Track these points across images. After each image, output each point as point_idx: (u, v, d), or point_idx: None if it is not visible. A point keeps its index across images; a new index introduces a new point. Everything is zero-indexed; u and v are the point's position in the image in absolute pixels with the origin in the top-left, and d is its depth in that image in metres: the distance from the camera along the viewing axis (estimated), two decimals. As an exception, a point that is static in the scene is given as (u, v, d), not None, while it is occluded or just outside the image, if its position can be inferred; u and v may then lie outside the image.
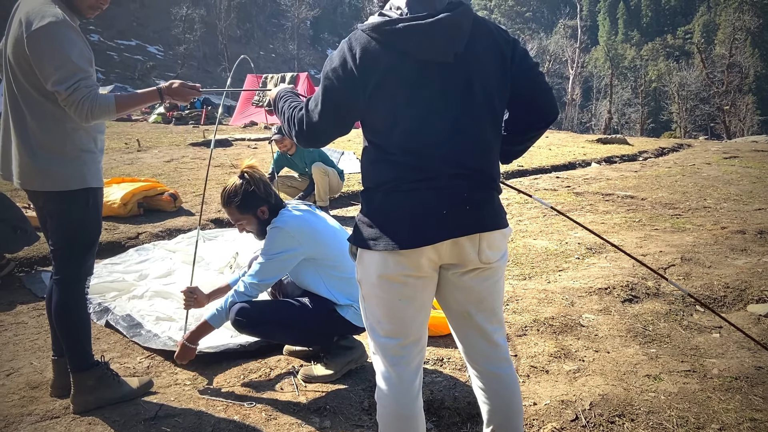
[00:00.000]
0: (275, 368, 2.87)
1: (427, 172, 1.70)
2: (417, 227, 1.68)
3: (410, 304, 1.76)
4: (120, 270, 4.44)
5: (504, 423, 1.87)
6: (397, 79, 1.69)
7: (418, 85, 1.69)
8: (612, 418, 2.39)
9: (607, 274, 4.02)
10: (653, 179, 8.38)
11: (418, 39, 1.66)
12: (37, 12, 2.21)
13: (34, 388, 2.73)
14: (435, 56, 1.68)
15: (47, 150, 2.34)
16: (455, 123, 1.72)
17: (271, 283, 2.74)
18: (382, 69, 1.68)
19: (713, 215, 6.03)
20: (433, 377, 2.76)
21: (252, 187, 2.68)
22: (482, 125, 1.74)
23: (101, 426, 2.37)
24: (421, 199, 1.69)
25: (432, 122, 1.71)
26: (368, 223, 1.75)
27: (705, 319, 3.38)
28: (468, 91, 1.72)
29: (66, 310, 2.46)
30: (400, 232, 1.69)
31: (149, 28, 64.02)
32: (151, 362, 3.01)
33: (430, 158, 1.70)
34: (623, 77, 62.67)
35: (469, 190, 1.71)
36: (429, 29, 1.65)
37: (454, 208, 1.69)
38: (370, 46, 1.69)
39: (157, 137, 12.74)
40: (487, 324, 1.82)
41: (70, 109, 2.23)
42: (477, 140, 1.74)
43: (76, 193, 2.38)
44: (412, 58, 1.68)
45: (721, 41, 59.26)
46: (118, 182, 6.22)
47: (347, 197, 7.19)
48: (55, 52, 2.19)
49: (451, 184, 1.70)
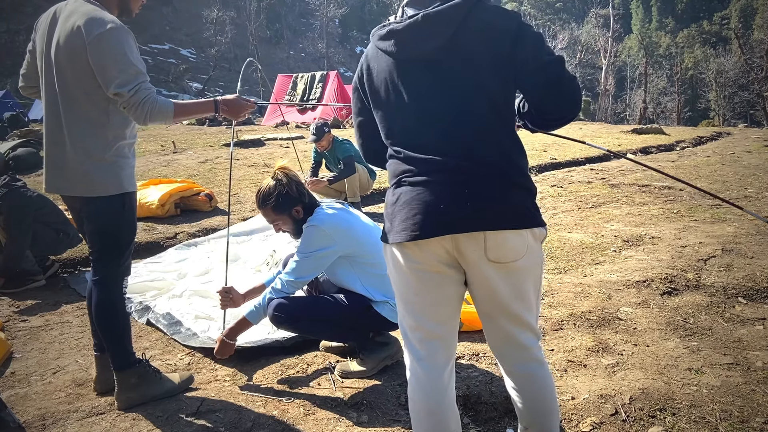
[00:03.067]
0: (312, 364, 2.91)
1: (427, 167, 1.70)
2: (415, 221, 1.68)
3: (425, 299, 1.76)
4: (160, 269, 4.54)
5: (534, 422, 1.84)
6: (387, 80, 1.76)
7: (407, 83, 1.74)
8: (653, 412, 2.35)
9: (645, 267, 3.95)
10: (691, 169, 8.19)
11: (396, 41, 1.72)
12: (95, 18, 2.27)
13: (79, 385, 2.82)
14: (413, 55, 1.71)
15: (87, 156, 2.39)
16: (450, 117, 1.70)
17: (307, 281, 2.77)
18: (376, 71, 1.79)
19: (755, 204, 5.86)
20: (469, 372, 2.75)
21: (285, 188, 2.72)
22: (481, 117, 1.69)
23: (145, 422, 2.44)
24: (419, 193, 1.69)
25: (426, 118, 1.72)
26: (385, 218, 1.81)
27: (748, 311, 3.30)
28: (460, 85, 1.69)
29: (106, 310, 2.53)
30: (403, 225, 1.71)
31: (181, 31, 65.12)
32: (192, 359, 3.08)
33: (429, 153, 1.70)
34: (658, 66, 61.20)
35: (471, 185, 1.66)
36: (404, 30, 1.71)
37: (452, 203, 1.65)
38: (370, 51, 1.82)
39: (192, 139, 12.96)
40: (511, 326, 1.75)
41: (131, 110, 2.30)
42: (477, 133, 1.69)
43: (113, 198, 2.44)
44: (397, 58, 1.74)
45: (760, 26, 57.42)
46: (156, 184, 6.36)
47: (379, 194, 7.21)
48: (118, 56, 2.26)
49: (451, 179, 1.67)
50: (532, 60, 1.66)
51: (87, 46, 2.25)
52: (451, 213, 1.65)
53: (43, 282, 4.35)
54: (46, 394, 2.73)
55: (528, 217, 1.69)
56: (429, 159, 1.70)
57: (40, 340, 3.39)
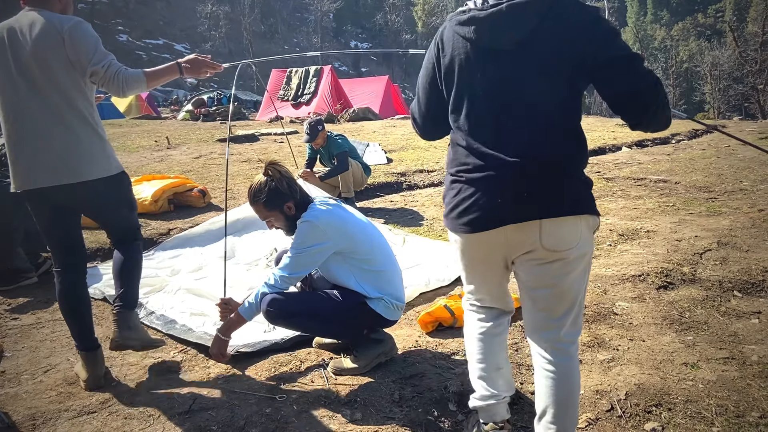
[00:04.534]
0: (305, 361, 2.88)
1: (487, 160, 1.79)
2: (473, 216, 1.81)
3: (477, 277, 2.01)
4: (153, 266, 4.50)
5: (550, 410, 1.88)
6: (460, 64, 1.84)
7: (478, 70, 1.80)
8: (648, 407, 2.34)
9: (640, 261, 3.94)
10: (687, 162, 8.17)
11: (477, 28, 1.78)
12: (60, 18, 2.58)
13: (70, 384, 2.79)
14: (492, 44, 1.77)
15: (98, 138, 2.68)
16: (516, 110, 1.77)
17: (301, 277, 2.74)
18: (451, 52, 1.85)
19: (750, 198, 5.85)
20: (464, 368, 2.71)
21: (275, 184, 2.69)
22: (547, 113, 1.76)
23: (136, 421, 2.41)
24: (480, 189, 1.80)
25: (491, 108, 1.80)
26: (444, 202, 1.96)
27: (743, 305, 3.29)
28: (530, 78, 1.75)
29: (139, 263, 2.88)
30: (462, 218, 1.84)
31: (176, 26, 64.81)
32: (185, 356, 3.05)
33: (491, 147, 1.78)
34: (653, 58, 61.20)
35: (528, 179, 1.74)
36: (486, 19, 1.76)
37: (510, 197, 1.76)
38: (446, 33, 1.89)
39: (186, 134, 12.89)
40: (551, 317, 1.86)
41: (108, 83, 2.56)
42: (541, 127, 1.75)
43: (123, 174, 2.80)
44: (475, 45, 1.80)
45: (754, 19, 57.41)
46: (149, 179, 6.31)
47: (373, 189, 7.18)
48: (89, 39, 2.57)
49: (510, 172, 1.75)
50: (606, 53, 1.69)
51: (63, 37, 2.52)
52: (508, 206, 1.77)
53: (35, 280, 4.31)
54: (36, 393, 2.70)
55: (581, 204, 1.78)
56: (489, 153, 1.79)
57: (32, 339, 3.35)
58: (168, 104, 37.44)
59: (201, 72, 2.86)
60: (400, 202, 6.69)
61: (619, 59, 1.69)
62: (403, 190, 7.38)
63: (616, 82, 1.72)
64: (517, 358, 2.82)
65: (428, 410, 2.42)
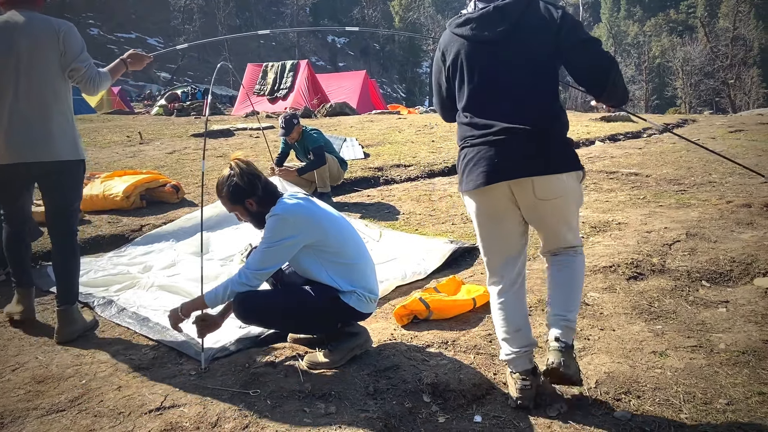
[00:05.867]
0: (280, 356, 2.87)
1: (486, 130, 2.24)
2: (478, 173, 2.24)
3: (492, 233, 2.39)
4: (124, 262, 4.45)
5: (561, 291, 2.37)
6: (461, 59, 2.32)
7: (475, 60, 2.29)
8: (618, 395, 2.38)
9: (611, 252, 3.99)
10: (658, 156, 8.30)
11: (471, 26, 2.29)
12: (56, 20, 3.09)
13: (39, 382, 2.74)
14: (483, 38, 2.26)
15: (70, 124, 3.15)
16: (507, 88, 2.24)
17: (271, 272, 2.72)
18: (452, 52, 2.35)
19: (718, 190, 5.97)
20: (438, 360, 2.75)
21: (236, 179, 2.67)
22: (533, 87, 2.24)
23: (106, 419, 2.38)
24: (480, 151, 2.25)
25: (488, 89, 2.27)
26: (458, 173, 2.39)
27: (711, 294, 3.36)
28: (517, 62, 2.23)
29: (75, 253, 3.24)
30: (470, 177, 2.29)
31: (148, 20, 63.76)
32: (156, 353, 3.02)
33: (489, 118, 2.25)
34: (626, 54, 61.98)
35: (521, 143, 2.19)
36: (478, 18, 2.28)
37: (506, 158, 2.20)
38: (446, 38, 2.40)
39: (159, 129, 12.71)
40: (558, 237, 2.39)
41: (86, 80, 3.09)
42: (528, 100, 2.22)
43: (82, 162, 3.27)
44: (470, 41, 2.30)
45: (725, 14, 58.55)
46: (120, 175, 6.21)
47: (350, 184, 7.17)
48: (79, 42, 3.10)
49: (505, 138, 2.20)
50: (572, 37, 2.20)
51: (59, 35, 3.02)
52: (505, 165, 2.21)
53: (3, 277, 4.22)
54: (4, 391, 2.65)
55: (565, 164, 2.24)
56: (488, 123, 2.24)
57: (0, 337, 3.29)
58: (141, 99, 36.90)
59: (141, 64, 3.50)
60: (377, 196, 6.70)
61: (585, 41, 2.21)
62: (380, 185, 7.38)
63: (584, 58, 2.22)
64: (490, 349, 2.85)
65: (402, 402, 2.43)
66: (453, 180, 7.44)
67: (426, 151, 9.16)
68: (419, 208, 5.99)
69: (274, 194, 2.73)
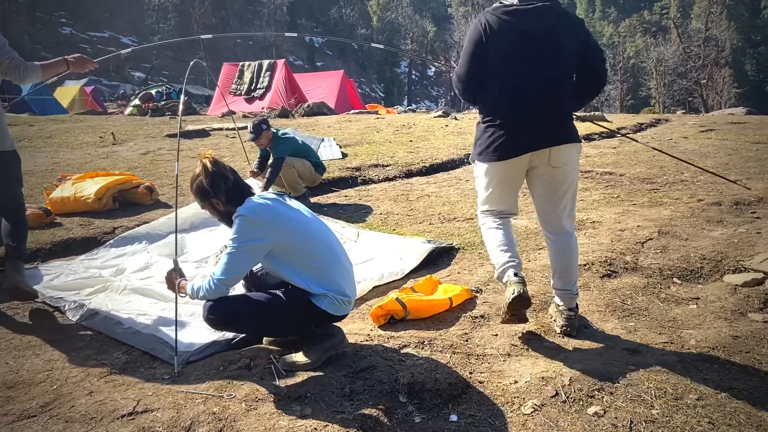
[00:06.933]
0: (255, 358, 2.84)
1: (511, 104, 2.77)
2: (506, 146, 2.77)
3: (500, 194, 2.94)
4: (97, 265, 4.37)
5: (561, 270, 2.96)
6: (503, 41, 2.75)
7: (517, 45, 2.74)
8: (591, 392, 2.40)
9: (585, 251, 4.04)
10: (631, 155, 8.42)
11: (521, 16, 2.75)
12: None
13: (10, 387, 2.69)
14: (530, 28, 2.73)
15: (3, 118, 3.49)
16: (539, 74, 2.74)
17: (241, 276, 2.67)
18: (495, 33, 2.75)
19: (690, 188, 6.08)
20: (414, 360, 2.75)
21: (201, 178, 2.66)
22: (558, 77, 2.77)
23: (78, 424, 2.34)
24: (508, 127, 2.77)
25: (523, 72, 2.75)
26: (478, 145, 2.89)
27: (682, 291, 3.41)
28: (551, 54, 2.74)
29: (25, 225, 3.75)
30: (498, 151, 2.79)
31: (122, 18, 62.78)
32: (129, 357, 2.97)
33: (516, 95, 2.76)
34: (601, 54, 62.59)
35: (542, 118, 2.75)
36: (529, 11, 2.74)
37: (532, 132, 2.75)
38: (491, 19, 2.79)
39: (133, 129, 12.52)
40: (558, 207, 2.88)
41: (12, 71, 3.42)
42: (554, 87, 2.76)
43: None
44: (516, 28, 2.74)
45: (697, 15, 59.59)
46: (92, 176, 6.10)
47: (327, 184, 7.14)
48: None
49: (530, 114, 2.74)
50: (593, 50, 2.81)
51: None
52: (530, 139, 2.76)
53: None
54: (-28, 399, 2.59)
55: (573, 137, 2.83)
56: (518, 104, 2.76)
57: (-33, 343, 3.21)
58: (115, 99, 36.37)
59: (84, 68, 3.71)
60: (355, 196, 6.69)
61: (596, 46, 2.85)
62: (358, 185, 7.37)
63: (593, 59, 2.82)
64: (466, 349, 2.86)
65: (379, 403, 2.42)
66: (431, 180, 7.46)
67: (404, 151, 9.17)
68: (397, 208, 5.99)
69: (242, 194, 2.70)
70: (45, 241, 4.90)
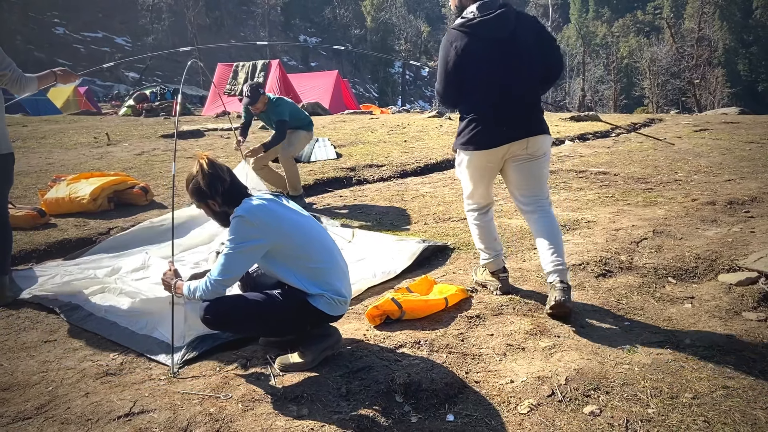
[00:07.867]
0: (251, 358, 2.84)
1: (492, 103, 3.09)
2: (491, 137, 3.12)
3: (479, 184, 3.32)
4: (91, 266, 4.35)
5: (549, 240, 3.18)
6: (474, 52, 3.05)
7: (488, 53, 3.04)
8: (587, 391, 2.41)
9: (581, 250, 4.05)
10: (625, 155, 8.45)
11: (485, 26, 3.04)
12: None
13: (4, 389, 2.67)
14: (496, 35, 3.04)
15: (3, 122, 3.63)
16: (509, 74, 3.06)
17: (237, 277, 2.67)
18: (464, 46, 3.05)
19: (684, 188, 6.10)
20: (410, 360, 2.75)
21: (197, 179, 2.65)
22: (529, 75, 3.10)
23: (74, 426, 2.33)
24: (489, 120, 3.10)
25: (495, 74, 3.06)
26: (459, 136, 3.22)
27: (677, 290, 3.43)
28: (519, 55, 3.05)
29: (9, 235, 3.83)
30: (482, 140, 3.13)
31: (116, 18, 62.55)
32: (125, 358, 2.97)
33: (494, 95, 3.08)
34: (595, 54, 62.85)
35: (519, 113, 3.10)
36: (492, 20, 3.03)
37: (510, 124, 3.09)
38: (459, 35, 3.09)
39: (128, 130, 12.49)
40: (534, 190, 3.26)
41: (11, 83, 3.60)
42: (523, 83, 3.09)
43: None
44: (483, 38, 3.04)
45: (690, 15, 59.81)
46: (87, 177, 6.08)
47: (322, 184, 7.14)
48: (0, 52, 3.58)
49: (508, 111, 3.08)
50: (548, 40, 3.13)
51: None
52: (509, 130, 3.10)
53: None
54: (-34, 401, 2.58)
55: (546, 128, 3.20)
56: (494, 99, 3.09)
57: (-39, 345, 3.20)
58: (109, 99, 36.24)
59: (67, 80, 4.06)
60: (350, 197, 6.69)
61: (549, 36, 3.17)
62: (353, 185, 7.37)
63: (548, 47, 3.13)
64: (462, 348, 2.86)
65: (375, 403, 2.43)
66: (425, 180, 7.46)
67: (398, 151, 9.17)
68: (392, 208, 5.99)
69: (239, 194, 2.70)
70: (40, 242, 4.88)
